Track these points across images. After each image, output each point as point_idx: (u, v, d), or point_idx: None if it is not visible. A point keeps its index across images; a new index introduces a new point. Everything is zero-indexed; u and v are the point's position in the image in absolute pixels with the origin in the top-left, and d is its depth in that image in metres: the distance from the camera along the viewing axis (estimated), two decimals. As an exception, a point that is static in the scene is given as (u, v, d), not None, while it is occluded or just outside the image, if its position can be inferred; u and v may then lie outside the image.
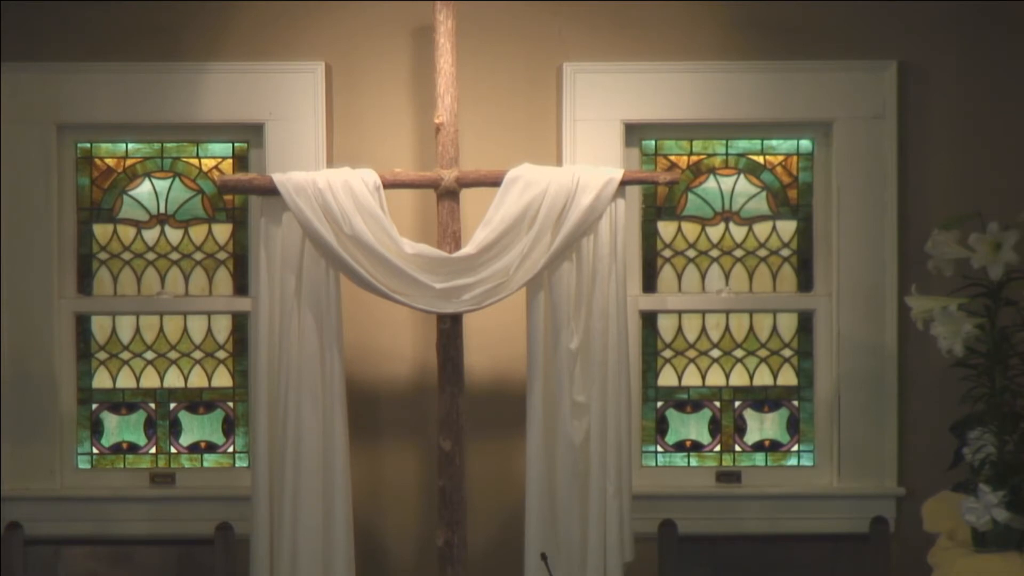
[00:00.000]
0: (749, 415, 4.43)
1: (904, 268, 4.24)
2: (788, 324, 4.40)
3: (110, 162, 4.39)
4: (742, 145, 4.39)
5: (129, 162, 4.39)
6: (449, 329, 3.93)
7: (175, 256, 4.39)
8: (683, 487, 4.36)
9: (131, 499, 4.31)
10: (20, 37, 4.23)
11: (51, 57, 4.24)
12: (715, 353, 4.41)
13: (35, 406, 4.26)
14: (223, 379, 4.41)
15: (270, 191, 3.85)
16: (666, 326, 4.41)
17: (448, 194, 3.92)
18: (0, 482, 4.23)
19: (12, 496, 4.24)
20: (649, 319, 4.39)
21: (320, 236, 3.79)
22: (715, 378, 4.42)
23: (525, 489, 3.91)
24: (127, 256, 4.39)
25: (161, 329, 4.40)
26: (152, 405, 4.41)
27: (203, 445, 4.41)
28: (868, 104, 4.26)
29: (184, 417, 4.41)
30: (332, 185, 3.82)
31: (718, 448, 4.42)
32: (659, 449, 4.41)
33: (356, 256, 3.82)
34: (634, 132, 4.31)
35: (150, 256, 4.39)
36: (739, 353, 4.41)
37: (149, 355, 4.40)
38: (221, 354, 4.40)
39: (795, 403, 4.41)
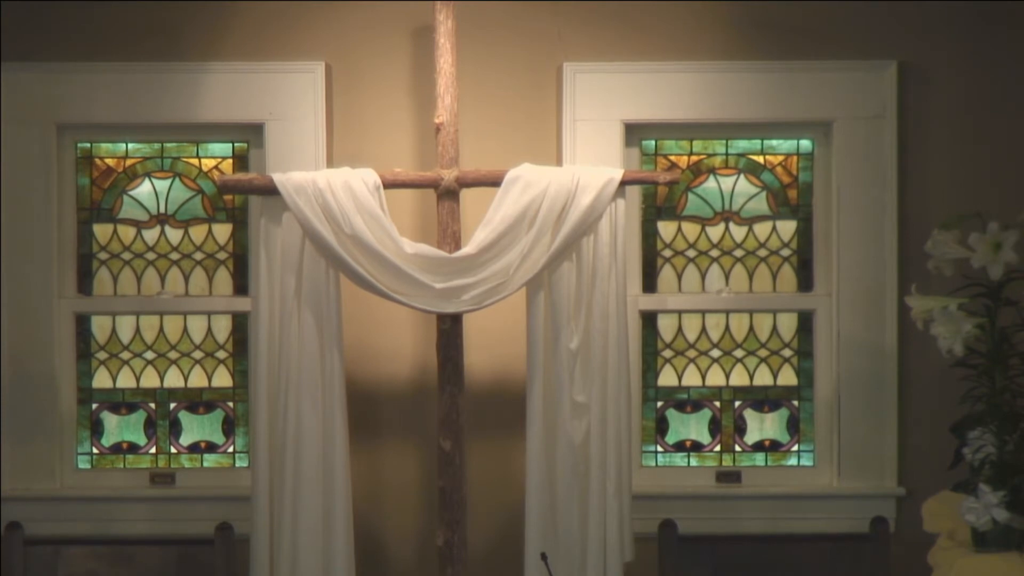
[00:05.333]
0: (749, 415, 4.43)
1: (904, 268, 4.25)
2: (788, 324, 4.40)
3: (110, 162, 4.39)
4: (742, 145, 4.39)
5: (129, 162, 4.39)
6: (449, 329, 3.93)
7: (175, 256, 4.39)
8: (683, 487, 4.36)
9: (131, 499, 4.31)
10: (20, 37, 4.23)
11: (51, 57, 4.24)
12: (715, 353, 4.41)
13: (35, 406, 4.26)
14: (223, 379, 4.41)
15: (270, 191, 3.85)
16: (666, 326, 4.41)
17: (448, 194, 3.92)
18: (0, 482, 4.23)
19: (12, 496, 4.24)
20: (649, 319, 4.39)
21: (320, 236, 3.79)
22: (715, 378, 4.42)
23: (525, 489, 3.91)
24: (127, 256, 4.39)
25: (161, 329, 4.40)
26: (152, 405, 4.41)
27: (203, 445, 4.41)
28: (868, 104, 4.26)
29: (184, 417, 4.41)
30: (332, 185, 3.82)
31: (718, 448, 4.42)
32: (659, 449, 4.41)
33: (356, 256, 3.82)
34: (634, 132, 4.32)
35: (150, 256, 4.39)
36: (739, 353, 4.41)
37: (149, 355, 4.40)
38: (221, 354, 4.40)
39: (795, 403, 4.41)
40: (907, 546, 4.15)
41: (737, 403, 4.42)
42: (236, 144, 4.38)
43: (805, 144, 4.38)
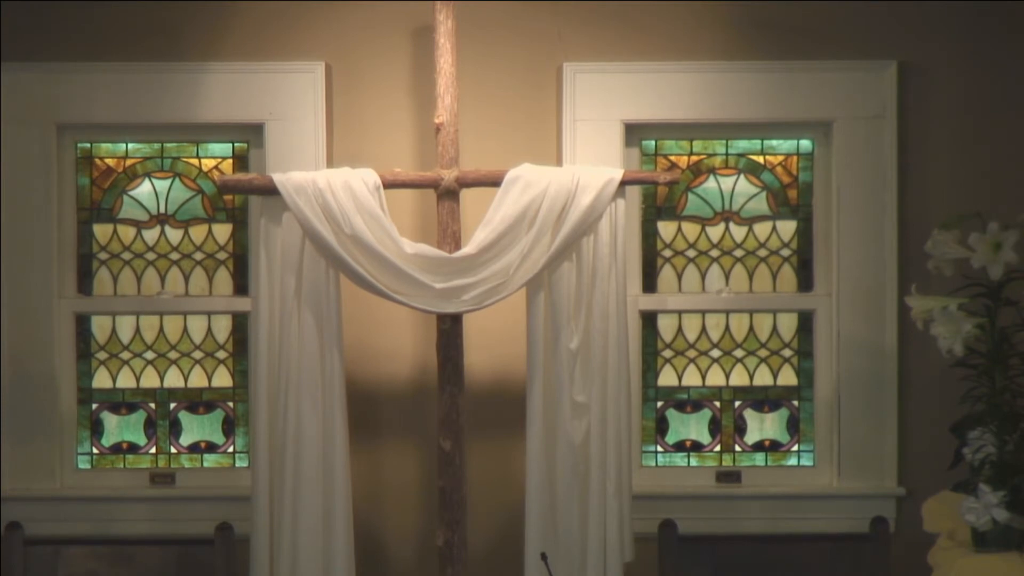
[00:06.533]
0: (749, 415, 4.43)
1: (904, 268, 4.25)
2: (788, 324, 4.40)
3: (110, 162, 4.39)
4: (742, 145, 4.39)
5: (129, 162, 4.39)
6: (449, 329, 3.93)
7: (175, 256, 4.39)
8: (683, 487, 4.36)
9: (131, 499, 4.31)
10: (20, 37, 4.23)
11: (51, 57, 4.24)
12: (715, 353, 4.41)
13: (35, 406, 4.26)
14: (223, 379, 4.41)
15: (270, 191, 3.85)
16: (666, 326, 4.41)
17: (448, 194, 3.92)
18: (0, 482, 4.23)
19: (12, 496, 4.24)
20: (649, 319, 4.39)
21: (320, 236, 3.79)
22: (715, 378, 4.42)
23: (525, 489, 3.91)
24: (127, 256, 4.39)
25: (161, 329, 4.40)
26: (152, 405, 4.41)
27: (203, 445, 4.41)
28: (868, 104, 4.26)
29: (184, 417, 4.41)
30: (332, 185, 3.82)
31: (718, 448, 4.42)
32: (659, 449, 4.41)
33: (356, 256, 3.82)
34: (634, 132, 4.32)
35: (150, 256, 4.39)
36: (739, 353, 4.41)
37: (149, 355, 4.40)
38: (221, 354, 4.40)
39: (795, 403, 4.41)
40: (907, 546, 4.15)
41: (737, 403, 4.42)
42: (236, 144, 4.38)
43: (805, 144, 4.38)
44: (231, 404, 4.41)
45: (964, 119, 4.29)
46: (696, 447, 4.42)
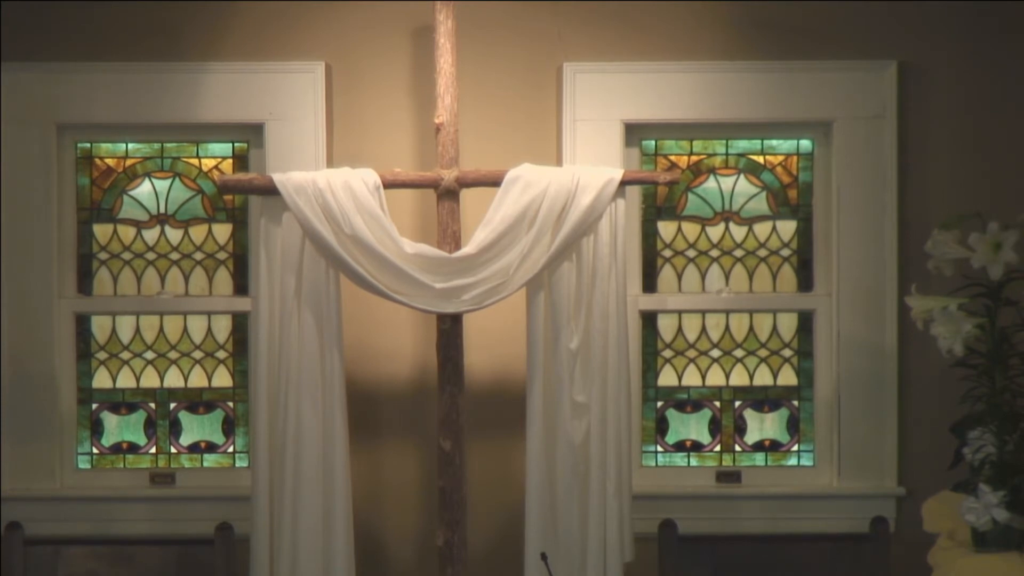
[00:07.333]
0: (749, 415, 4.43)
1: (904, 268, 4.25)
2: (788, 324, 4.41)
3: (110, 162, 4.39)
4: (742, 145, 4.39)
5: (129, 162, 4.39)
6: (449, 329, 3.93)
7: (175, 256, 4.39)
8: (683, 487, 4.36)
9: (131, 499, 4.31)
10: (20, 37, 4.23)
11: (51, 57, 4.24)
12: (715, 353, 4.42)
13: (35, 406, 4.26)
14: (223, 379, 4.41)
15: (270, 191, 3.85)
16: (666, 326, 4.41)
17: (448, 194, 3.92)
18: (0, 482, 4.23)
19: (12, 496, 4.24)
20: (649, 319, 4.39)
21: (320, 236, 3.79)
22: (715, 378, 4.42)
23: (525, 489, 3.91)
24: (127, 256, 4.39)
25: (161, 329, 4.40)
26: (152, 405, 4.41)
27: (203, 445, 4.41)
28: (868, 104, 4.26)
29: (184, 417, 4.41)
30: (332, 185, 3.82)
31: (718, 448, 4.42)
32: (659, 449, 4.41)
33: (356, 256, 3.82)
34: (634, 132, 4.32)
35: (150, 256, 4.39)
36: (739, 353, 4.41)
37: (149, 355, 4.40)
38: (221, 354, 4.40)
39: (795, 403, 4.41)
40: (907, 546, 4.15)
41: (737, 403, 4.42)
42: (236, 144, 4.38)
43: (805, 144, 4.38)
44: (231, 404, 4.41)
45: (964, 119, 4.29)
46: (696, 447, 4.43)
